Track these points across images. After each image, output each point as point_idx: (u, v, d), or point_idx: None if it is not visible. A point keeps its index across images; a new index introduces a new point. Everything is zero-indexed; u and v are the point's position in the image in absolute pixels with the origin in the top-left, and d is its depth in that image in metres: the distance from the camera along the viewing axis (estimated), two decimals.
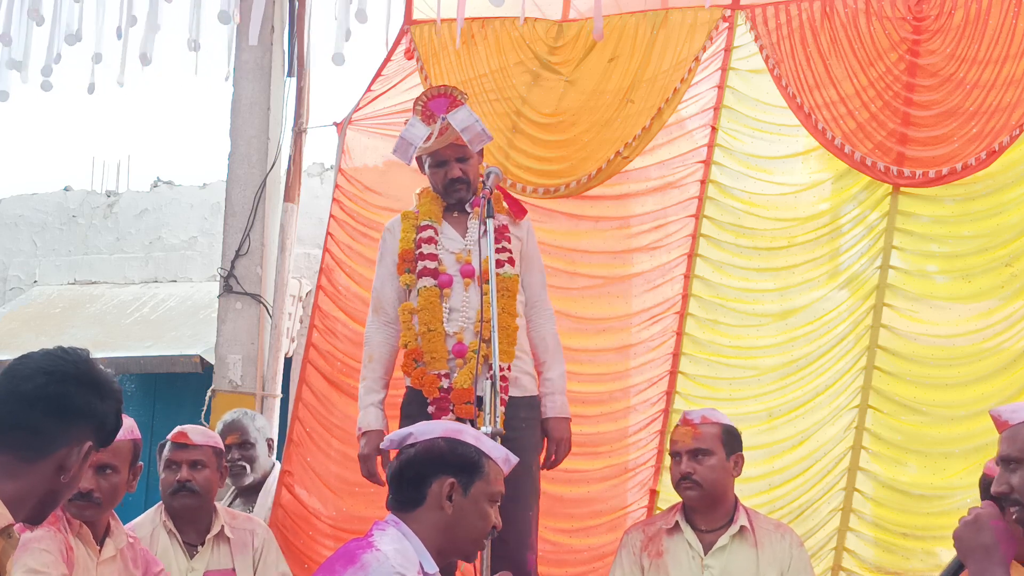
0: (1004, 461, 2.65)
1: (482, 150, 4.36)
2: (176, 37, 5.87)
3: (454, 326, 4.12)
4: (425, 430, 2.97)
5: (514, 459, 3.02)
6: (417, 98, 4.31)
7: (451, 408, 4.05)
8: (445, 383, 4.08)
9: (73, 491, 2.35)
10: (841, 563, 4.66)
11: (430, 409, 4.09)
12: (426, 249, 4.22)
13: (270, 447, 5.15)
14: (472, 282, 4.15)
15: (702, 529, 4.04)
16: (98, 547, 3.44)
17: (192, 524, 4.16)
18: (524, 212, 4.35)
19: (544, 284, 4.39)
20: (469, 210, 4.26)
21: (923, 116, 4.73)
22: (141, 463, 3.59)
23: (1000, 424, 2.68)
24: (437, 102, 4.26)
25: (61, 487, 2.28)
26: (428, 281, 4.19)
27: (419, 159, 4.34)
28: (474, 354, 4.00)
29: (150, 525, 4.15)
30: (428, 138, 4.21)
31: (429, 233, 4.24)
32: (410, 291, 4.24)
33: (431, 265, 4.20)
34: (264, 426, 5.15)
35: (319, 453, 5.31)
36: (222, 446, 4.32)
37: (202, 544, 4.14)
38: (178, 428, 4.24)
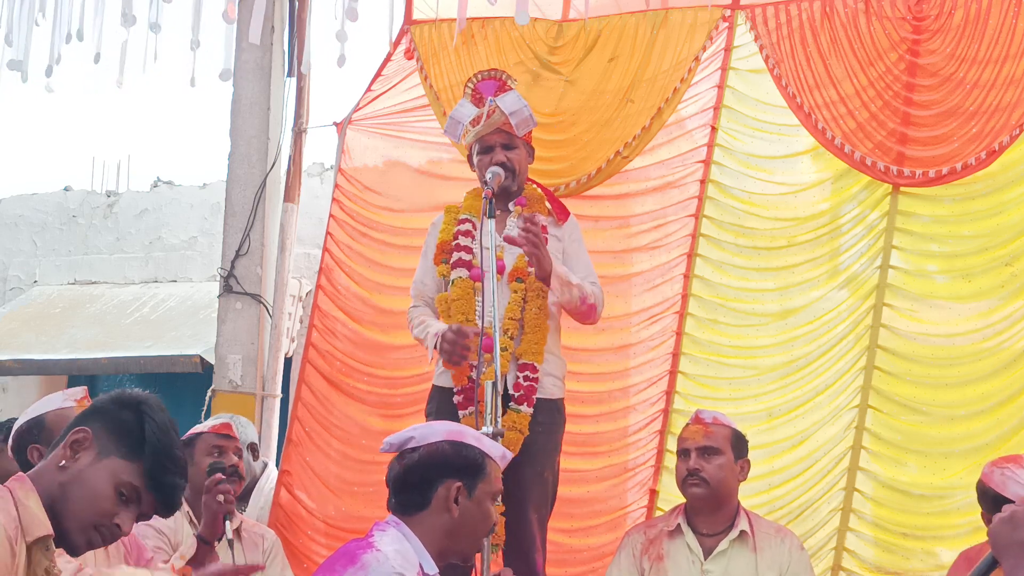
0: None
1: (533, 150, 4.38)
2: (176, 37, 5.87)
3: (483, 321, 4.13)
4: (426, 433, 2.95)
5: (509, 455, 3.04)
6: (468, 79, 4.35)
7: (476, 401, 4.05)
8: (474, 374, 4.08)
9: (87, 499, 2.31)
10: (841, 563, 4.66)
11: (456, 399, 4.11)
12: (463, 241, 4.27)
13: (254, 452, 5.07)
14: (502, 279, 4.14)
15: (703, 533, 4.04)
16: None
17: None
18: (568, 214, 4.37)
19: (591, 272, 4.30)
20: (511, 208, 4.29)
21: (923, 116, 4.73)
22: None
23: None
24: (486, 84, 4.29)
25: (67, 479, 2.30)
26: (462, 272, 4.22)
27: (469, 157, 4.36)
28: (503, 351, 4.00)
29: (173, 521, 4.18)
30: (477, 120, 4.21)
31: (467, 227, 4.28)
32: (447, 282, 4.27)
33: (466, 257, 4.24)
34: (245, 432, 5.06)
35: (318, 453, 5.32)
36: None
37: (218, 540, 4.15)
38: (218, 420, 4.33)
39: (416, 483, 2.86)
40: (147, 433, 2.34)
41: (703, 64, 5.06)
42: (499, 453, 2.98)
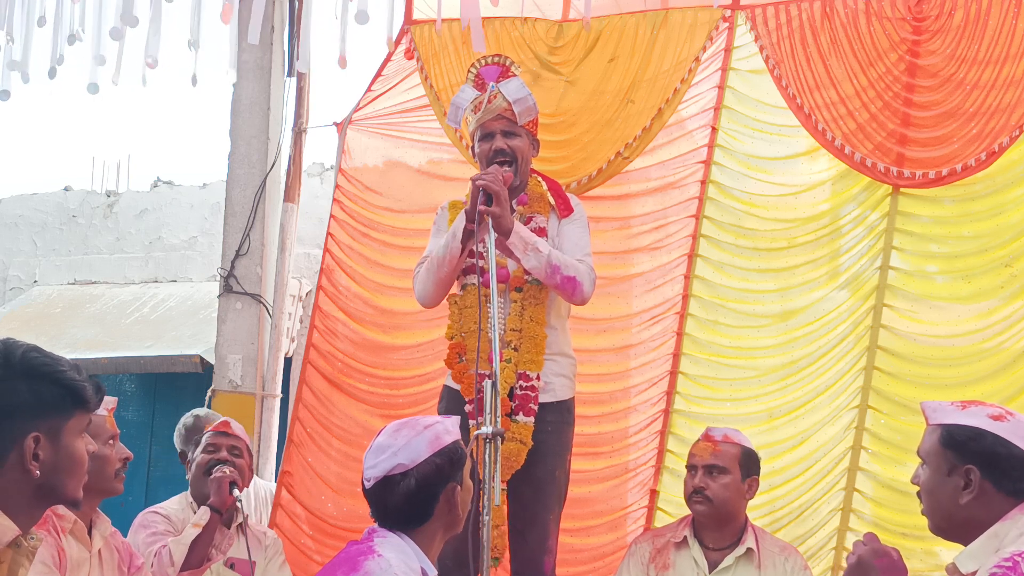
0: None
1: (538, 142, 4.26)
2: (176, 37, 5.88)
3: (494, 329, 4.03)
4: (411, 453, 2.84)
5: (456, 419, 3.00)
6: (471, 65, 4.24)
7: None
8: (481, 384, 4.00)
9: (78, 469, 2.28)
10: (841, 563, 4.66)
11: (468, 408, 4.02)
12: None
13: None
14: (505, 287, 4.05)
15: (709, 547, 4.06)
16: (89, 540, 3.44)
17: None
18: (571, 210, 4.20)
19: (581, 251, 4.12)
20: (514, 207, 4.10)
21: (923, 117, 4.73)
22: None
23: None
24: (489, 70, 4.16)
25: (49, 479, 2.23)
26: (473, 279, 4.04)
27: (472, 150, 4.25)
28: (506, 363, 3.96)
29: (179, 511, 4.23)
30: (478, 107, 4.11)
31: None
32: (459, 286, 4.15)
33: (478, 262, 3.99)
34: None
35: (320, 453, 5.32)
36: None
37: (228, 510, 4.18)
38: (218, 418, 4.43)
39: (419, 504, 2.83)
40: (67, 389, 2.31)
41: (703, 64, 5.06)
42: (456, 423, 2.95)
